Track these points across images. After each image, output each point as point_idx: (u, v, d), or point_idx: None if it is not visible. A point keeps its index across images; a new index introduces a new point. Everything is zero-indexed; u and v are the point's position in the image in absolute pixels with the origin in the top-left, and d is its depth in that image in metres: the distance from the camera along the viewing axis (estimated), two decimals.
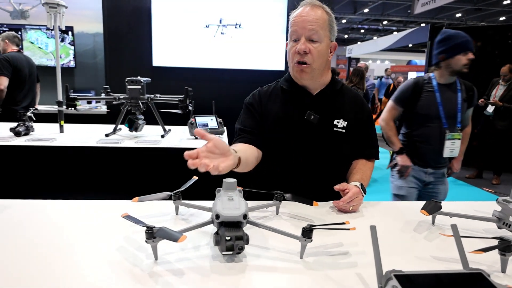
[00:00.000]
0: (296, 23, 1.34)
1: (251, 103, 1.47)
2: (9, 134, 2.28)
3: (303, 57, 1.34)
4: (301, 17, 1.33)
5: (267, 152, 1.42)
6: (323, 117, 1.40)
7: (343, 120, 1.42)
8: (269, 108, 1.44)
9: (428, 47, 6.55)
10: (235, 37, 4.08)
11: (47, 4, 2.63)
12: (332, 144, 1.42)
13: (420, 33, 8.70)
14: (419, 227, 1.11)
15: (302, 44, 1.32)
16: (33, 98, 3.89)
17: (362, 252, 0.92)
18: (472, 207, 1.31)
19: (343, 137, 1.42)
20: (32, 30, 5.18)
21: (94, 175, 2.16)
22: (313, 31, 1.32)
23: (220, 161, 0.94)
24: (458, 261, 0.71)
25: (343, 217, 1.19)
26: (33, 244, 0.91)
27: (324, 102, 1.43)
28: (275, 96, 1.47)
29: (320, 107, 1.41)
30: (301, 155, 1.40)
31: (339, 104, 1.45)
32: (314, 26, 1.32)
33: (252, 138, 1.39)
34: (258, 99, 1.47)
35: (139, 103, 2.42)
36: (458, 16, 15.89)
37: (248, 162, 1.27)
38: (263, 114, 1.44)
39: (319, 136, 1.40)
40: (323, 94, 1.44)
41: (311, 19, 1.32)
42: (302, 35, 1.33)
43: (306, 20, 1.32)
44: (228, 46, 4.09)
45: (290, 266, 0.84)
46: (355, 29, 20.91)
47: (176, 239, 0.77)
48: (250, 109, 1.47)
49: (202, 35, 4.04)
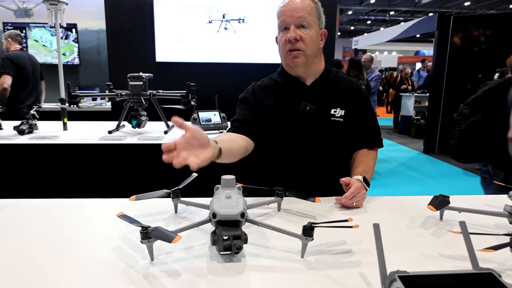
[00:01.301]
0: (284, 13, 1.34)
1: (245, 97, 1.46)
2: (13, 133, 2.28)
3: (295, 45, 1.32)
4: (288, 6, 1.33)
5: (264, 147, 1.39)
6: (319, 107, 1.37)
7: (340, 109, 1.39)
8: (263, 102, 1.41)
9: (436, 36, 6.41)
10: (239, 32, 4.03)
11: (47, 1, 2.61)
12: (330, 134, 1.38)
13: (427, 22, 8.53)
14: (426, 223, 1.07)
15: (293, 32, 1.31)
16: (37, 96, 3.90)
17: (366, 250, 0.89)
18: (482, 201, 1.27)
19: (342, 126, 1.38)
20: (36, 28, 5.18)
21: (97, 173, 2.16)
22: (302, 18, 1.31)
23: (198, 152, 0.88)
24: (468, 259, 0.67)
25: (346, 213, 1.15)
26: (27, 244, 0.89)
27: (319, 92, 1.40)
28: (269, 90, 1.44)
29: (315, 97, 1.38)
30: (299, 148, 1.37)
31: (334, 93, 1.41)
32: (302, 13, 1.31)
33: (243, 127, 1.37)
34: (252, 93, 1.45)
35: (141, 99, 2.39)
36: (466, 4, 15.59)
37: (232, 153, 1.21)
38: (257, 108, 1.41)
39: (317, 127, 1.37)
40: (318, 84, 1.41)
41: (298, 7, 1.31)
42: (291, 23, 1.32)
43: (293, 8, 1.31)
44: (231, 41, 4.05)
45: (290, 266, 0.81)
46: (361, 20, 20.64)
47: (171, 240, 0.74)
48: (244, 102, 1.45)
49: (205, 30, 4.00)
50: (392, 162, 5.95)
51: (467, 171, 5.43)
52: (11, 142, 2.10)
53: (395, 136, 8.63)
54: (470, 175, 5.28)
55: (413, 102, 8.48)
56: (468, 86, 6.13)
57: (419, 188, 4.65)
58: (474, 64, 6.02)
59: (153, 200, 1.10)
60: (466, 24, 6.14)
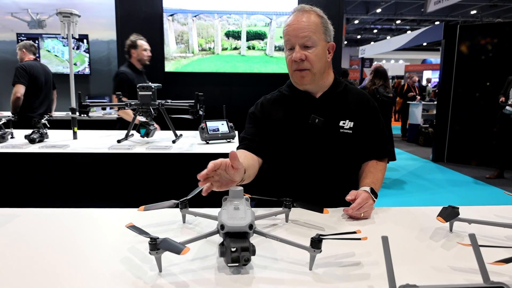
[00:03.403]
0: (288, 33, 1.34)
1: (254, 113, 1.47)
2: (24, 141, 2.31)
3: (301, 65, 1.33)
4: (292, 26, 1.33)
5: (273, 160, 1.40)
6: (328, 119, 1.37)
7: (349, 120, 1.39)
8: (272, 116, 1.42)
9: (443, 45, 6.40)
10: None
11: (60, 14, 2.67)
12: (339, 146, 1.38)
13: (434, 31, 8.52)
14: (435, 235, 1.06)
15: (297, 53, 1.31)
16: (49, 105, 3.96)
17: (375, 262, 0.88)
18: (493, 211, 1.25)
19: (351, 138, 1.38)
20: (49, 39, 5.29)
21: (105, 182, 2.17)
22: (306, 37, 1.31)
23: (225, 182, 0.99)
24: (479, 272, 0.67)
25: (355, 224, 1.15)
26: (36, 253, 0.90)
27: (328, 104, 1.40)
28: (278, 103, 1.45)
29: (324, 110, 1.38)
30: (308, 160, 1.37)
31: (343, 105, 1.41)
32: (307, 33, 1.30)
33: (252, 145, 1.38)
34: (261, 108, 1.46)
35: (150, 109, 2.42)
36: (473, 13, 15.53)
37: (250, 176, 1.25)
38: (266, 123, 1.42)
39: (326, 139, 1.37)
40: (326, 96, 1.41)
41: (302, 26, 1.31)
42: (296, 43, 1.32)
43: (297, 28, 1.31)
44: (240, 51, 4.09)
45: (298, 278, 0.81)
46: (368, 30, 20.67)
47: (179, 252, 0.75)
48: (252, 118, 1.47)
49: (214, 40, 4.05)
50: (401, 171, 5.90)
51: (477, 180, 5.36)
52: (22, 151, 2.13)
53: (403, 144, 8.57)
54: (481, 184, 5.21)
55: (421, 110, 8.44)
56: (476, 94, 6.09)
57: (429, 197, 4.60)
58: (482, 72, 5.99)
59: (162, 210, 1.11)
60: (472, 32, 6.13)
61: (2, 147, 2.19)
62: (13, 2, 5.18)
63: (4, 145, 2.26)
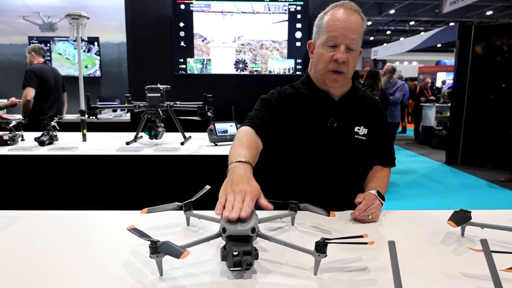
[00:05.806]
0: (337, 29, 1.23)
1: (269, 99, 1.37)
2: (34, 144, 2.34)
3: (340, 67, 1.26)
4: (343, 23, 1.23)
5: (283, 158, 1.37)
6: (345, 124, 1.34)
7: (364, 127, 1.36)
8: (289, 112, 1.34)
9: (457, 46, 6.29)
10: None
11: (69, 16, 2.69)
12: (353, 152, 1.36)
13: (448, 32, 8.38)
14: (446, 240, 1.02)
15: (343, 54, 1.23)
16: (59, 108, 4.01)
17: (383, 267, 0.85)
18: (506, 216, 1.21)
19: (364, 144, 1.36)
20: (60, 42, 5.35)
21: (113, 184, 2.17)
22: (354, 40, 1.24)
23: None
24: (491, 279, 0.63)
25: (362, 228, 1.12)
26: (38, 256, 0.89)
27: (346, 108, 1.36)
28: (295, 100, 1.37)
29: (342, 114, 1.35)
30: (320, 163, 1.34)
31: (359, 111, 1.38)
32: (356, 35, 1.23)
33: (261, 126, 1.28)
34: (278, 98, 1.37)
35: (159, 110, 2.42)
36: (488, 14, 15.26)
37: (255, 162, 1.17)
38: (281, 115, 1.34)
39: (341, 144, 1.34)
40: (345, 100, 1.37)
41: (353, 28, 1.23)
42: (342, 43, 1.23)
43: (348, 28, 1.22)
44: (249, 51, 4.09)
45: (302, 284, 0.78)
46: (381, 31, 20.48)
47: (179, 255, 0.73)
48: (267, 103, 1.36)
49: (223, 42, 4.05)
50: (413, 174, 5.81)
51: (491, 183, 5.24)
52: (31, 153, 2.15)
53: (416, 147, 8.45)
54: (495, 187, 5.09)
55: (434, 112, 8.31)
56: (491, 96, 5.97)
57: (441, 200, 4.50)
58: (497, 73, 5.86)
59: (165, 212, 1.10)
60: (488, 33, 6.01)
61: (13, 149, 2.21)
62: (25, 6, 5.26)
63: (14, 147, 2.28)
